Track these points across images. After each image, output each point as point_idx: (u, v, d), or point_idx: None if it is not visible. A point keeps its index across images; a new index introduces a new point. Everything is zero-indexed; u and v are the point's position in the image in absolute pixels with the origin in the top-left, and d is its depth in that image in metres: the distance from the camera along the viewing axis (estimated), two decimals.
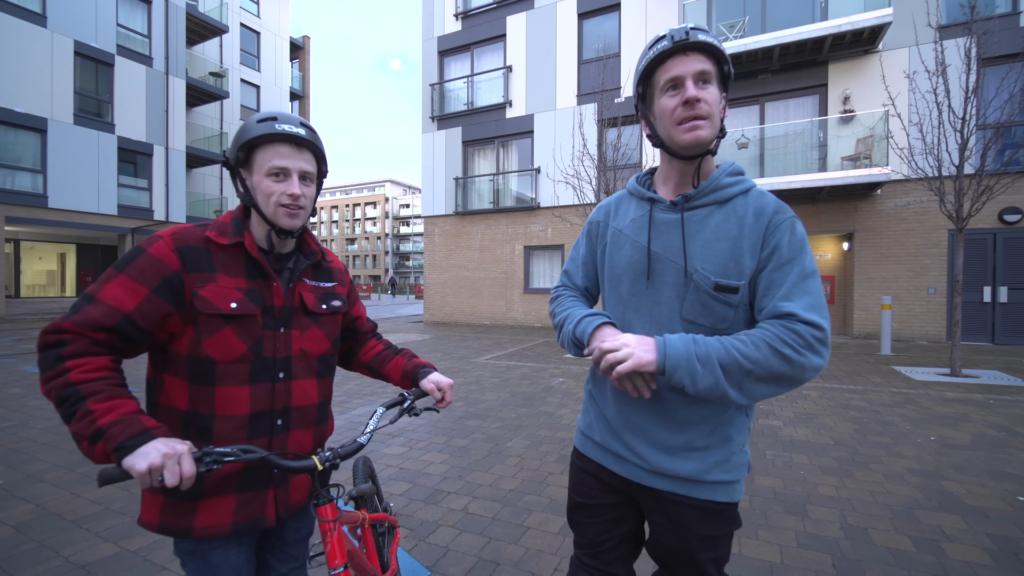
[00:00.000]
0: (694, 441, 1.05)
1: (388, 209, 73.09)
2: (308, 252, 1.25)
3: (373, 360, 1.43)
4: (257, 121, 1.09)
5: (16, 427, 4.34)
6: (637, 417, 1.09)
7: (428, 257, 15.92)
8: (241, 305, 1.08)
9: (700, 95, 0.98)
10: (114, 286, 0.98)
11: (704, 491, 1.05)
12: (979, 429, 4.24)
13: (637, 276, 1.10)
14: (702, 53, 1.00)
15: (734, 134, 11.36)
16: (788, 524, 2.60)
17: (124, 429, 0.86)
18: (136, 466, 0.82)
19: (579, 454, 1.26)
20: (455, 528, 2.59)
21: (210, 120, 22.89)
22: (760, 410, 4.89)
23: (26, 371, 7.03)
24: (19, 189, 14.51)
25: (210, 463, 0.91)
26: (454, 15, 15.55)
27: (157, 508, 1.07)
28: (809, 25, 10.21)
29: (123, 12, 17.06)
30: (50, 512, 2.74)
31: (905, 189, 10.14)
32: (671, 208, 1.08)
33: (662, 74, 1.02)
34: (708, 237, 1.02)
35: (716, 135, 1.03)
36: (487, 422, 4.54)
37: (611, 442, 1.15)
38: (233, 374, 1.07)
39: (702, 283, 1.01)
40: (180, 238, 1.06)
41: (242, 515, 1.10)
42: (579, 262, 1.30)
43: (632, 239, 1.12)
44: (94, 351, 0.95)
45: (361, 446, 1.18)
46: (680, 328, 1.04)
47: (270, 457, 1.00)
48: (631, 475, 1.12)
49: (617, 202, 1.22)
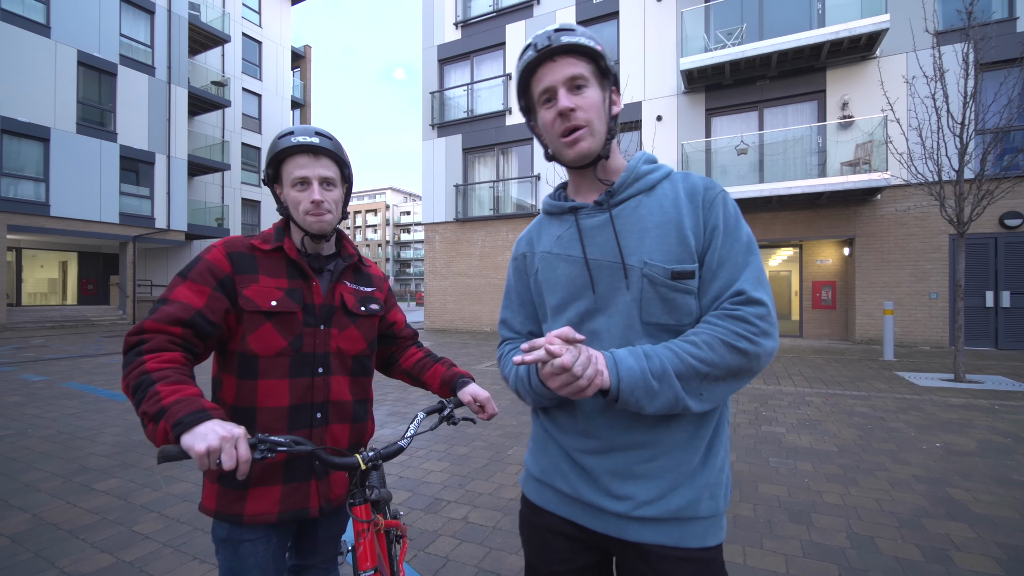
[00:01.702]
0: (679, 464, 0.90)
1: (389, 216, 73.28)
2: (346, 255, 1.34)
3: (413, 367, 1.47)
4: (278, 138, 1.19)
5: (14, 436, 4.31)
6: (616, 445, 0.93)
7: (428, 264, 15.92)
8: (281, 303, 1.17)
9: (574, 103, 0.90)
10: (183, 289, 1.10)
11: (694, 534, 0.89)
12: (985, 435, 4.20)
13: (581, 293, 0.97)
14: (572, 55, 0.91)
15: (733, 140, 11.39)
16: (793, 533, 2.56)
17: (184, 408, 0.90)
18: (195, 447, 0.84)
19: (536, 509, 1.03)
20: (455, 538, 2.56)
21: (212, 128, 23.00)
22: (763, 416, 4.86)
23: (26, 379, 7.01)
24: (22, 198, 14.57)
25: (264, 450, 0.94)
26: (454, 24, 15.66)
27: (214, 495, 1.16)
28: (806, 32, 10.27)
29: (126, 22, 17.20)
30: (47, 522, 2.71)
31: (905, 194, 10.14)
32: (597, 209, 0.97)
33: (536, 85, 0.95)
34: (647, 226, 0.93)
35: (604, 139, 0.95)
36: (487, 430, 4.50)
37: (583, 489, 0.94)
38: (274, 367, 1.16)
39: (657, 276, 0.90)
40: (231, 245, 1.19)
41: (288, 504, 1.16)
42: (514, 306, 1.12)
43: (565, 255, 0.99)
44: (169, 347, 1.04)
45: (401, 449, 1.21)
46: (643, 336, 0.91)
47: (317, 451, 1.05)
48: (609, 529, 0.92)
49: (537, 228, 1.09)
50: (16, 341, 12.26)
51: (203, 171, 22.00)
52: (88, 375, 7.44)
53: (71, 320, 16.64)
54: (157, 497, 3.05)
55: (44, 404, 5.50)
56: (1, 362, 8.69)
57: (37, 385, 6.61)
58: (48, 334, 14.19)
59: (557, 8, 13.92)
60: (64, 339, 12.87)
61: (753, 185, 10.77)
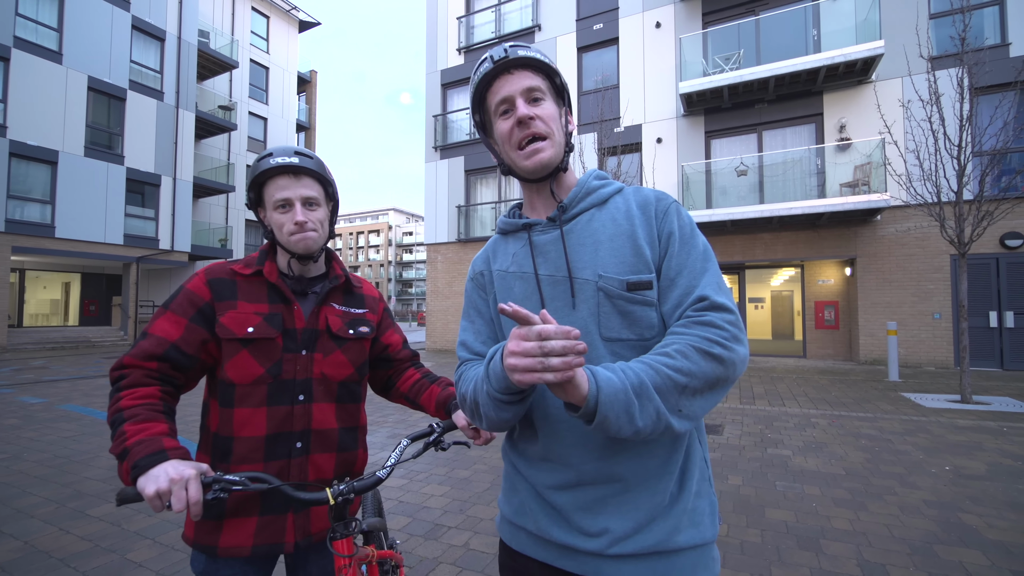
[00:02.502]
0: (655, 495, 0.83)
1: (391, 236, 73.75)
2: (332, 276, 1.30)
3: (410, 390, 1.42)
4: (257, 160, 1.18)
5: (9, 460, 4.26)
6: (585, 478, 0.85)
7: (430, 284, 15.95)
8: (259, 329, 1.15)
9: (533, 112, 0.91)
10: (162, 321, 1.11)
11: (681, 568, 0.82)
12: (994, 458, 4.13)
13: (536, 311, 0.86)
14: (528, 69, 0.92)
15: (733, 162, 11.51)
16: (802, 560, 2.50)
17: (144, 449, 0.91)
18: (146, 489, 0.85)
19: (512, 553, 0.96)
20: (455, 565, 2.49)
21: (218, 151, 23.37)
22: (768, 439, 4.78)
23: (24, 401, 6.96)
24: (28, 220, 14.73)
25: (218, 490, 0.92)
26: (457, 49, 16.03)
27: (192, 524, 1.14)
28: (803, 57, 10.48)
29: (137, 49, 17.65)
30: (38, 549, 2.66)
31: (905, 215, 10.19)
32: (550, 225, 0.96)
33: (492, 97, 0.95)
34: (600, 239, 0.91)
35: (563, 151, 0.96)
36: (489, 453, 4.44)
37: (552, 530, 0.88)
38: (251, 395, 1.13)
39: (613, 288, 0.87)
40: (211, 272, 1.18)
41: (261, 538, 1.13)
42: (474, 327, 1.04)
43: (520, 273, 0.97)
44: (146, 381, 1.05)
45: (379, 480, 1.15)
46: (606, 354, 0.86)
47: (283, 488, 1.01)
48: (585, 570, 0.85)
49: (493, 248, 1.06)
50: (16, 363, 12.22)
51: (208, 193, 22.27)
52: (86, 397, 7.39)
53: (72, 341, 16.62)
54: (152, 523, 3.00)
55: (41, 427, 5.45)
56: (0, 384, 8.65)
57: (35, 407, 6.56)
58: (48, 355, 14.15)
59: (558, 34, 14.25)
60: (64, 360, 12.83)
61: (754, 206, 10.84)
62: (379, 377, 1.45)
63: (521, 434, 0.96)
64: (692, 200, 11.79)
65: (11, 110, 14.29)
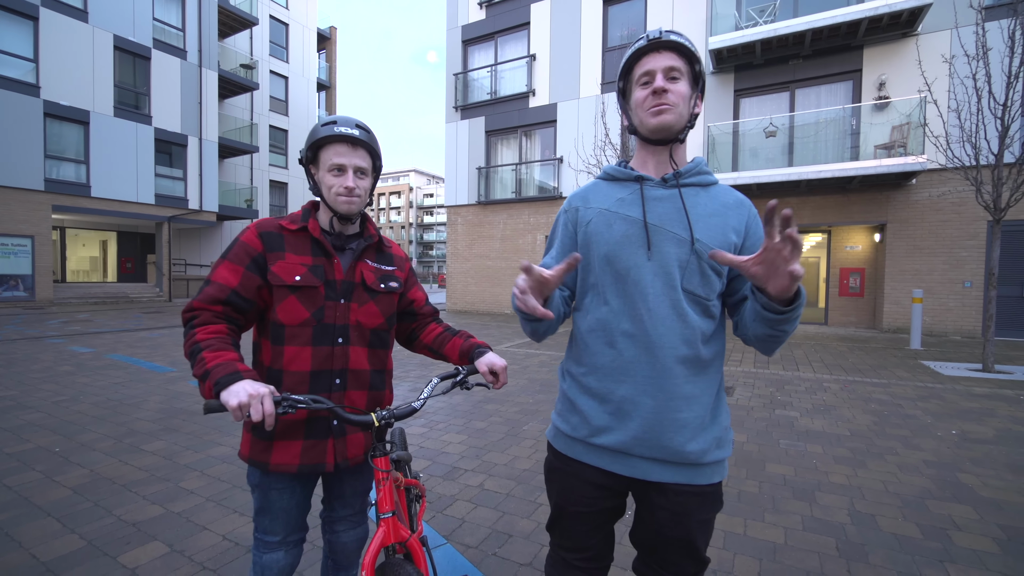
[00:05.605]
0: (696, 418, 1.07)
1: (412, 199, 73.74)
2: (367, 235, 1.46)
3: (433, 341, 1.56)
4: (321, 125, 1.31)
5: (68, 401, 4.68)
6: (647, 398, 1.07)
7: (451, 246, 16.11)
8: (304, 278, 1.30)
9: (668, 86, 1.07)
10: (221, 270, 1.26)
11: (704, 475, 1.10)
12: (1004, 424, 4.17)
13: (635, 249, 1.11)
14: (674, 52, 1.09)
15: (762, 122, 11.11)
16: (795, 509, 2.65)
17: (223, 370, 1.09)
18: (229, 401, 1.02)
19: (566, 459, 1.19)
20: (471, 502, 2.73)
21: (241, 111, 23.48)
22: (778, 400, 4.89)
23: (74, 351, 7.49)
24: (64, 179, 15.27)
25: (287, 406, 1.10)
26: (478, 4, 15.53)
27: (248, 444, 1.34)
28: (844, 8, 9.88)
29: (159, 6, 17.61)
30: (102, 477, 3.00)
31: (941, 179, 9.78)
32: (662, 184, 1.14)
33: (638, 69, 1.12)
34: (702, 212, 1.11)
35: (684, 125, 1.12)
36: (505, 406, 4.67)
37: (611, 436, 1.11)
38: (298, 336, 1.30)
39: (704, 252, 1.07)
40: (262, 226, 1.33)
41: (307, 457, 1.32)
42: (555, 252, 1.24)
43: (624, 215, 1.14)
44: (214, 320, 1.23)
45: (415, 410, 1.32)
46: (681, 299, 1.07)
47: (336, 409, 1.19)
48: (635, 472, 1.10)
49: (594, 189, 1.23)
50: (63, 315, 13.00)
51: (233, 153, 22.55)
52: (131, 348, 7.90)
53: (112, 296, 17.49)
54: (199, 458, 3.32)
55: (93, 374, 5.91)
56: (52, 335, 9.28)
57: (85, 356, 7.07)
58: (91, 309, 14.97)
59: None
60: (106, 314, 13.57)
61: (781, 168, 10.53)
62: (403, 329, 1.61)
63: (584, 350, 1.18)
64: (718, 162, 11.48)
65: (43, 70, 14.58)
